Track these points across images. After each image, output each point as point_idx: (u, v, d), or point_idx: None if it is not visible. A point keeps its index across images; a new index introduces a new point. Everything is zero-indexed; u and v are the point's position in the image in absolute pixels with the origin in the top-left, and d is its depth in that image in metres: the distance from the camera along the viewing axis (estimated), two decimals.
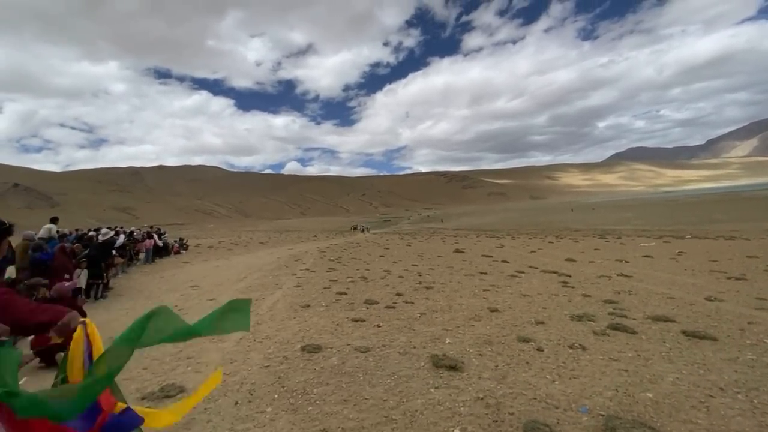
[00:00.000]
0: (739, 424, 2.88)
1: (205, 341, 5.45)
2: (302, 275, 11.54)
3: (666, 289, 7.51)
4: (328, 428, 2.98)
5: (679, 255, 12.81)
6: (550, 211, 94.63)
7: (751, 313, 5.64)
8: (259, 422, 3.13)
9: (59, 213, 13.41)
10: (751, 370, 3.79)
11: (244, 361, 4.55)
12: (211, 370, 4.29)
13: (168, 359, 4.82)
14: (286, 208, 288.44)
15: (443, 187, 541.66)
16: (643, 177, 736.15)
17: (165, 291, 10.79)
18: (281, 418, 3.18)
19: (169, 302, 8.56)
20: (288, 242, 34.31)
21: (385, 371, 4.05)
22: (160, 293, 10.48)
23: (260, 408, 3.38)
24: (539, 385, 3.59)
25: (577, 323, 5.47)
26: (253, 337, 5.47)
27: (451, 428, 2.91)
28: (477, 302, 6.98)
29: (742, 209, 43.02)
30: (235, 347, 5.08)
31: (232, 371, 4.26)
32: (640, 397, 3.30)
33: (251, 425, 3.10)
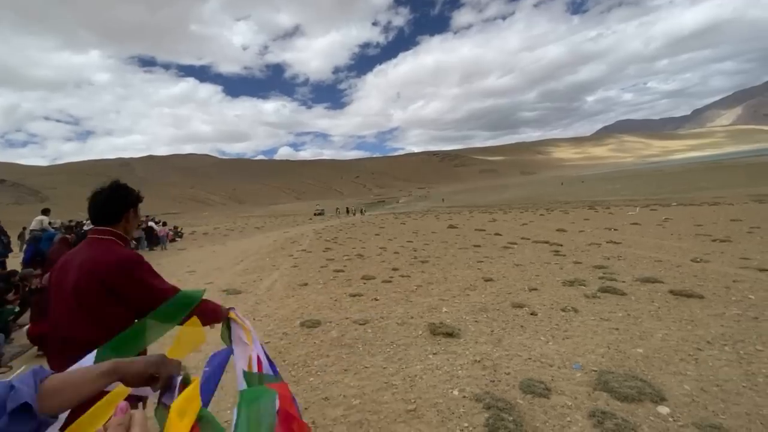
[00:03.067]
0: (726, 373, 3.02)
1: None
2: (299, 256, 11.57)
3: (653, 253, 7.70)
4: (330, 396, 3.06)
5: (666, 221, 13.08)
6: (540, 185, 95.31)
7: (736, 272, 5.83)
8: None
9: (50, 206, 13.04)
10: (737, 324, 3.95)
11: None
12: (213, 350, 4.34)
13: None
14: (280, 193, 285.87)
15: (436, 166, 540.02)
16: (632, 148, 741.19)
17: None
18: None
19: None
20: (284, 226, 34.23)
21: (384, 341, 4.14)
22: None
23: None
24: (534, 346, 3.70)
25: (569, 288, 5.60)
26: (252, 317, 5.51)
27: (450, 390, 3.01)
28: (471, 273, 7.10)
29: (726, 176, 43.74)
30: None
31: None
32: (632, 353, 3.43)
33: None
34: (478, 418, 2.57)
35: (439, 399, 2.88)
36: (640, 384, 2.83)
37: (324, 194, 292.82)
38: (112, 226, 1.61)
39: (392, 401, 2.91)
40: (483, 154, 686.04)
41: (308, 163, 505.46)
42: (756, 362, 3.15)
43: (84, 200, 1.66)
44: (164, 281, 1.57)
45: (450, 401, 2.83)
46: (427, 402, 2.85)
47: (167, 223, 24.32)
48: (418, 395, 2.96)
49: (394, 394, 3.01)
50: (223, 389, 3.06)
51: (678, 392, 2.78)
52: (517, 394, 2.86)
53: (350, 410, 2.83)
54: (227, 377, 1.63)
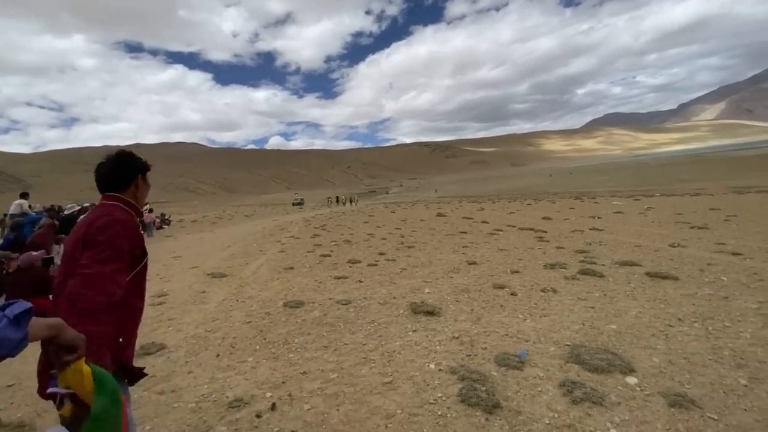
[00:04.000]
0: (694, 347, 3.12)
1: (187, 303, 5.46)
2: (287, 242, 11.53)
3: (634, 239, 7.88)
4: (308, 371, 3.07)
5: (648, 210, 13.37)
6: (530, 177, 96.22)
7: (711, 256, 6.00)
8: (240, 370, 3.20)
9: (33, 195, 12.60)
10: (708, 303, 4.08)
11: (226, 319, 4.58)
12: (194, 329, 4.32)
13: (149, 321, 4.79)
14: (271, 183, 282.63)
15: (427, 157, 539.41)
16: (620, 141, 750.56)
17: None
18: (262, 366, 3.26)
19: (152, 272, 8.44)
20: (274, 214, 33.99)
21: (365, 319, 4.16)
22: None
23: (242, 358, 3.44)
24: (511, 323, 3.77)
25: (550, 271, 5.70)
26: (236, 298, 5.49)
27: (426, 364, 3.05)
28: (456, 257, 7.16)
29: (707, 169, 44.79)
30: (217, 308, 5.10)
31: (214, 328, 4.29)
32: (605, 329, 3.52)
33: (232, 373, 3.16)
34: (452, 389, 2.62)
35: (416, 372, 2.92)
36: (611, 357, 2.91)
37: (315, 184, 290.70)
38: (121, 193, 1.54)
39: (369, 375, 2.94)
40: (474, 146, 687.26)
41: (299, 153, 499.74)
42: (723, 337, 3.26)
43: (69, 188, 1.57)
44: (115, 269, 1.31)
45: (426, 374, 2.88)
46: (404, 375, 2.89)
47: (153, 210, 23.91)
48: (395, 369, 3.00)
49: (372, 369, 3.04)
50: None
51: (647, 364, 2.87)
52: (491, 367, 2.92)
53: (327, 383, 2.85)
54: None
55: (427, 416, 2.36)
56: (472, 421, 2.28)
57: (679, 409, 2.29)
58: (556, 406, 2.39)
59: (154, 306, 5.37)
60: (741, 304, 3.94)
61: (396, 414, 2.40)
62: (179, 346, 3.87)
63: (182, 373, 3.26)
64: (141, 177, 1.61)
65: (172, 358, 3.60)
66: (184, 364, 3.43)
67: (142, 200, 1.63)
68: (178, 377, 3.18)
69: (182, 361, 3.49)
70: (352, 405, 2.54)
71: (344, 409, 2.50)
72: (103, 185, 1.54)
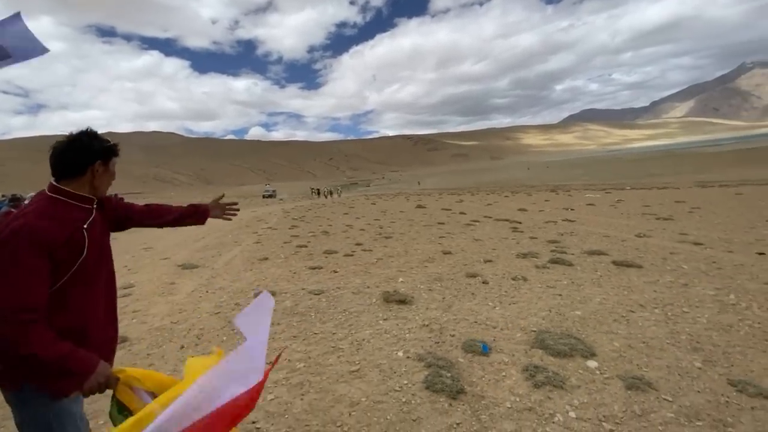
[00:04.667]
0: (653, 332, 3.23)
1: (154, 295, 5.27)
2: (263, 233, 11.31)
3: (603, 230, 8.13)
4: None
5: (618, 203, 13.85)
6: (508, 170, 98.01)
7: (674, 245, 6.25)
8: None
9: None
10: (669, 289, 4.24)
11: (194, 311, 4.44)
12: (159, 321, 4.17)
13: None
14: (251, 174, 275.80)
15: (410, 150, 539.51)
16: (595, 136, 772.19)
17: (114, 254, 10.17)
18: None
19: (119, 264, 8.11)
20: (252, 206, 33.30)
21: (337, 309, 4.12)
22: None
23: (207, 350, 3.34)
24: (481, 311, 3.81)
25: (522, 260, 5.81)
26: (206, 289, 5.34)
27: (395, 351, 3.04)
28: (432, 247, 7.20)
29: (676, 164, 46.84)
30: (186, 299, 4.95)
31: (181, 320, 4.15)
32: (570, 315, 3.61)
33: None
34: (418, 376, 2.62)
35: (383, 360, 2.90)
36: (574, 342, 2.98)
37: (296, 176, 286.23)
38: (70, 181, 1.31)
39: (337, 363, 2.91)
40: (455, 139, 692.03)
41: (280, 144, 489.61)
42: (681, 322, 3.40)
43: (34, 177, 1.37)
44: (24, 287, 1.14)
45: (393, 362, 2.87)
46: (371, 363, 2.87)
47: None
48: (363, 357, 2.98)
49: (340, 357, 3.01)
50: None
51: (608, 348, 2.95)
52: (458, 354, 2.94)
53: (293, 373, 2.80)
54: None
55: (392, 403, 2.35)
56: (436, 407, 2.28)
57: (636, 391, 2.37)
58: (518, 390, 2.42)
59: (119, 298, 5.13)
60: (699, 291, 4.11)
61: (360, 402, 2.38)
62: (142, 339, 3.73)
63: (143, 365, 3.13)
64: (101, 163, 1.36)
65: (133, 351, 3.46)
66: (145, 357, 3.31)
67: (101, 189, 1.39)
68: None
69: (144, 354, 3.37)
70: (317, 394, 2.50)
71: (308, 398, 2.46)
72: (54, 170, 1.31)
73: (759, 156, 44.43)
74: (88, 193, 1.35)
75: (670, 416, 2.12)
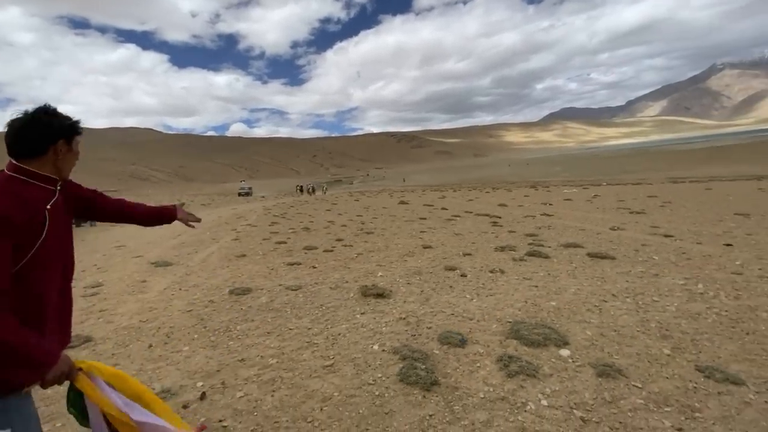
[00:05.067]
0: (624, 320, 3.29)
1: (124, 293, 5.05)
2: (242, 230, 11.05)
3: (579, 224, 8.32)
4: (247, 358, 2.92)
5: (594, 198, 14.23)
6: (490, 167, 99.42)
7: (645, 238, 6.44)
8: (173, 360, 2.98)
9: None
10: (640, 279, 4.34)
11: (165, 309, 4.28)
12: (127, 320, 4.00)
13: (77, 313, 4.37)
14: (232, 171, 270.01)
15: (393, 147, 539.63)
16: (574, 134, 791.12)
17: (84, 253, 9.76)
18: (198, 354, 3.05)
19: (88, 263, 7.76)
20: (232, 203, 32.62)
21: (313, 304, 4.04)
22: (79, 256, 9.45)
23: (176, 348, 3.22)
24: (458, 303, 3.81)
25: (500, 253, 5.86)
26: (179, 287, 5.16)
27: (370, 345, 3.00)
28: (413, 242, 7.19)
29: (649, 161, 48.64)
30: (157, 297, 4.76)
31: (150, 318, 3.99)
32: (545, 306, 3.64)
33: (163, 364, 2.93)
34: (393, 369, 2.58)
35: (358, 354, 2.85)
36: (548, 331, 3.00)
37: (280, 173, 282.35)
38: (30, 161, 1.20)
39: (311, 359, 2.84)
40: (439, 136, 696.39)
41: (263, 141, 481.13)
42: (651, 311, 3.48)
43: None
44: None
45: (368, 355, 2.82)
46: (346, 357, 2.82)
47: None
48: (337, 352, 2.92)
49: (314, 352, 2.94)
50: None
51: (580, 337, 2.99)
52: (434, 346, 2.92)
53: (265, 369, 2.71)
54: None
55: (365, 397, 2.30)
56: (409, 399, 2.25)
57: (607, 378, 2.39)
58: (492, 380, 2.42)
59: (86, 297, 4.93)
60: (669, 281, 4.23)
61: (333, 397, 2.33)
62: (108, 338, 3.56)
63: (107, 365, 2.98)
64: (64, 141, 1.26)
65: (97, 351, 3.30)
66: (110, 357, 3.15)
67: (65, 171, 1.29)
68: None
69: (108, 354, 3.22)
70: (289, 390, 2.43)
71: (279, 395, 2.38)
72: (10, 148, 1.19)
73: (728, 154, 46.54)
74: (51, 174, 1.25)
75: (639, 402, 2.15)
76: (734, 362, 2.54)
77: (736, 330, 2.99)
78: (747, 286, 3.92)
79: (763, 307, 3.37)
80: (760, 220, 7.47)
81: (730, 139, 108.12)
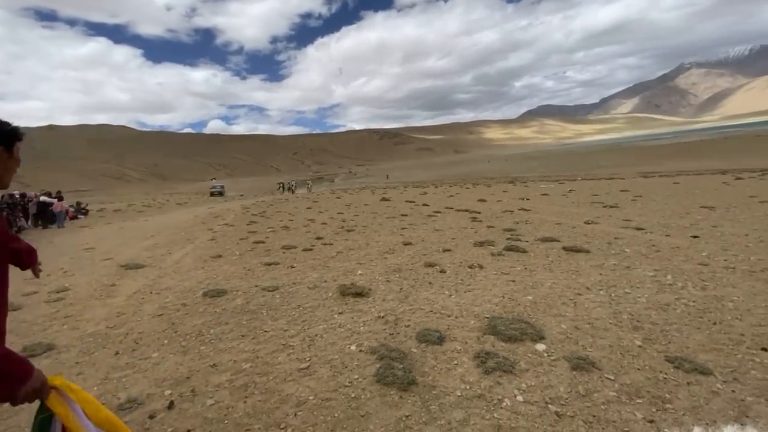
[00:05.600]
0: (598, 313, 3.36)
1: (91, 298, 4.81)
2: (219, 230, 10.75)
3: (555, 218, 8.50)
4: (219, 363, 2.81)
5: (570, 192, 14.59)
6: (471, 163, 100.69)
7: (618, 231, 6.62)
8: (141, 368, 2.84)
9: None
10: (612, 272, 4.45)
11: (134, 313, 4.10)
12: (93, 327, 3.80)
13: (40, 320, 4.15)
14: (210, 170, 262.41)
15: (376, 143, 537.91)
16: (551, 131, 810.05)
17: (51, 256, 9.26)
18: (167, 361, 2.92)
19: (54, 266, 7.36)
20: (210, 202, 31.74)
21: (290, 305, 3.95)
22: (45, 259, 8.95)
23: (145, 355, 3.07)
24: (437, 300, 3.80)
25: (479, 248, 5.91)
26: (150, 290, 4.96)
27: (347, 345, 2.94)
28: (393, 239, 7.17)
29: (622, 156, 50.33)
30: (126, 301, 4.55)
31: (118, 324, 3.81)
32: (522, 300, 3.68)
33: (130, 372, 2.79)
34: (369, 370, 2.54)
35: (335, 355, 2.80)
36: (524, 326, 3.02)
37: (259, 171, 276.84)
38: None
39: (286, 362, 2.77)
40: (421, 133, 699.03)
41: (242, 138, 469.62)
42: (623, 302, 3.56)
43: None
44: None
45: (345, 356, 2.77)
46: (322, 359, 2.75)
47: (64, 198, 20.76)
48: (314, 353, 2.85)
49: (290, 355, 2.86)
50: None
51: (556, 331, 3.03)
52: (412, 344, 2.89)
53: (237, 375, 2.62)
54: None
55: (341, 400, 2.25)
56: (386, 400, 2.22)
57: (581, 371, 2.42)
58: (469, 377, 2.41)
59: (50, 303, 4.68)
60: (640, 273, 4.36)
61: (308, 401, 2.26)
62: (72, 346, 3.37)
63: (70, 375, 2.82)
64: (3, 149, 1.20)
65: (60, 360, 3.12)
66: (73, 365, 2.98)
67: (5, 179, 1.23)
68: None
69: (72, 362, 3.04)
70: (262, 395, 2.35)
71: (252, 401, 2.30)
72: None
73: (694, 149, 48.71)
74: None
75: (612, 395, 2.18)
76: (702, 352, 2.62)
77: (703, 320, 3.10)
78: (713, 276, 4.08)
79: (728, 297, 3.51)
80: (724, 213, 7.82)
81: (696, 136, 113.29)
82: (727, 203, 9.05)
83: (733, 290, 3.67)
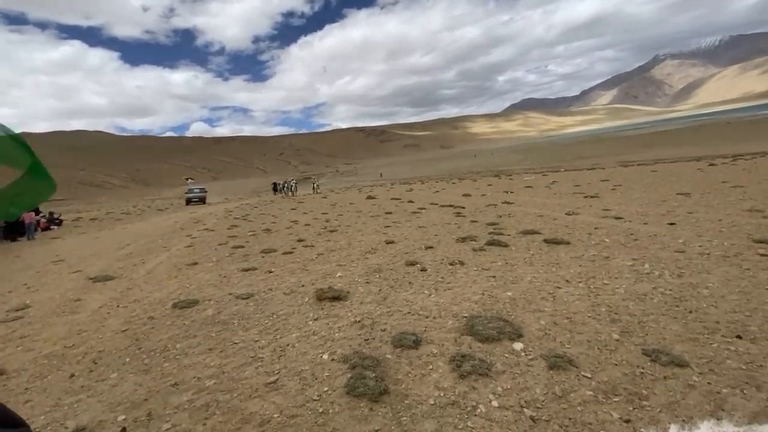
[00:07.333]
0: (576, 306, 3.30)
1: (52, 315, 4.55)
2: (198, 236, 10.43)
3: (538, 210, 8.51)
4: (181, 381, 2.64)
5: (553, 184, 14.71)
6: (457, 158, 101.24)
7: (598, 221, 6.64)
8: (96, 391, 2.65)
9: None
10: (592, 263, 4.42)
11: (96, 330, 3.86)
12: (50, 347, 3.56)
13: None
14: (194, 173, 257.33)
15: (362, 141, 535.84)
16: (535, 124, 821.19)
17: (15, 271, 8.82)
18: (126, 382, 2.73)
19: (18, 282, 6.99)
20: (192, 207, 31.01)
21: (264, 313, 3.79)
22: (9, 274, 8.52)
23: (102, 376, 2.87)
24: (416, 300, 3.69)
25: (461, 244, 5.83)
26: (117, 304, 4.71)
27: (320, 355, 2.80)
28: (376, 237, 7.04)
29: (602, 147, 51.30)
30: (89, 317, 4.31)
31: (78, 343, 3.58)
32: (501, 297, 3.60)
33: (84, 396, 2.60)
34: (340, 380, 2.40)
35: (306, 366, 2.66)
36: (502, 324, 2.93)
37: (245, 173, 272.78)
38: None
39: (253, 376, 2.61)
40: (407, 130, 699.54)
41: (226, 140, 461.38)
42: (602, 294, 3.51)
43: None
44: None
45: (316, 367, 2.63)
46: (292, 371, 2.61)
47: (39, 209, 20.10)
48: (284, 365, 2.70)
49: (258, 368, 2.71)
50: None
51: (534, 328, 2.95)
52: (387, 350, 2.77)
53: (199, 393, 2.45)
54: None
55: (307, 416, 2.11)
56: (355, 414, 2.09)
57: (558, 370, 2.34)
58: (443, 383, 2.30)
59: (5, 323, 4.39)
60: (619, 263, 4.33)
61: (272, 419, 2.12)
62: (23, 370, 3.14)
63: (17, 403, 2.60)
64: None
65: (8, 386, 2.89)
66: (22, 392, 2.76)
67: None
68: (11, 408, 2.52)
69: (21, 388, 2.82)
70: (224, 415, 2.20)
71: (212, 422, 2.14)
72: None
73: (669, 138, 49.97)
74: None
75: (588, 395, 2.10)
76: (678, 342, 2.57)
77: (679, 309, 3.06)
78: (689, 263, 4.08)
79: (703, 284, 3.49)
80: (699, 199, 7.94)
81: (672, 124, 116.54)
82: (702, 189, 9.21)
83: (708, 276, 3.66)
